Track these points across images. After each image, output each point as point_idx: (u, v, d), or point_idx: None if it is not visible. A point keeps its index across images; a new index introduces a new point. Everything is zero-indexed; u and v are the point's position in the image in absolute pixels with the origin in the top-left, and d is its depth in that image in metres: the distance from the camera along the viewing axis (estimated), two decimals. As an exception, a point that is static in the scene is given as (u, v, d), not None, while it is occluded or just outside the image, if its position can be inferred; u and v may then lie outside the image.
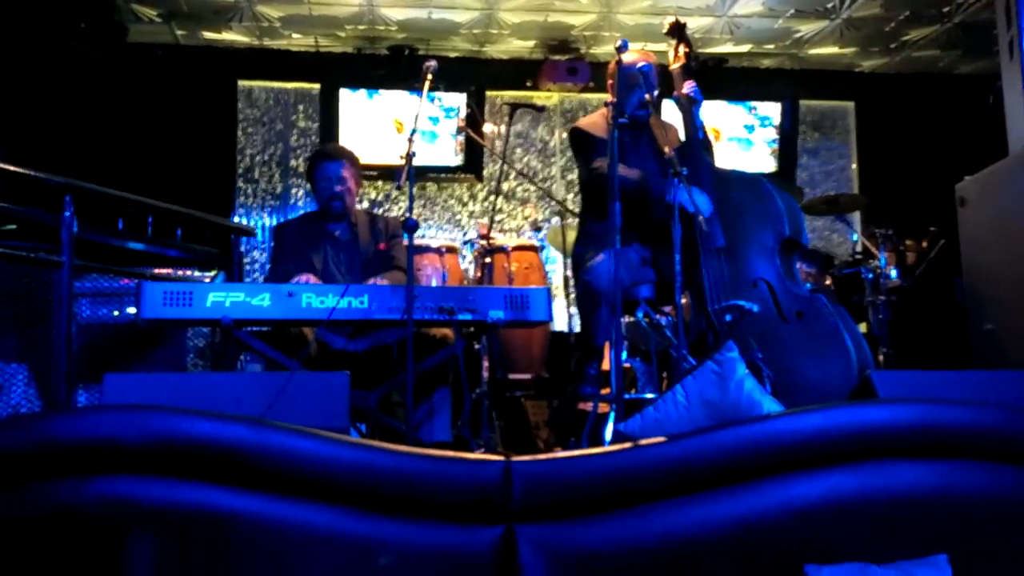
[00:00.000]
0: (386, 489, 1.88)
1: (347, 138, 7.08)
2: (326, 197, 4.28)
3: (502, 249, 5.45)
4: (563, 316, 5.66)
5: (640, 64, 4.13)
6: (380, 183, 7.58)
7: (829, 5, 6.77)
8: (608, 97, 4.15)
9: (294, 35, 7.29)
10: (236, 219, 7.36)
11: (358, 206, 4.56)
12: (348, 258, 4.22)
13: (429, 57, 4.29)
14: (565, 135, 7.80)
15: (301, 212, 7.40)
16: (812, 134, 8.26)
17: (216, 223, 4.93)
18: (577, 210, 5.71)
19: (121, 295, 4.29)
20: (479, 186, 7.72)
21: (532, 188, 7.58)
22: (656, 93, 4.20)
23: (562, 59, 7.51)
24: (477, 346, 4.48)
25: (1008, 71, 5.01)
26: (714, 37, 7.29)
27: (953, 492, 1.96)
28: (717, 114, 7.50)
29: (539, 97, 7.74)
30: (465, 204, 7.77)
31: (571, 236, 4.90)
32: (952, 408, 2.04)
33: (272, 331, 3.89)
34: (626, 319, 4.28)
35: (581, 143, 4.30)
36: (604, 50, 7.41)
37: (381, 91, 7.28)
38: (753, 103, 7.72)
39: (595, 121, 4.35)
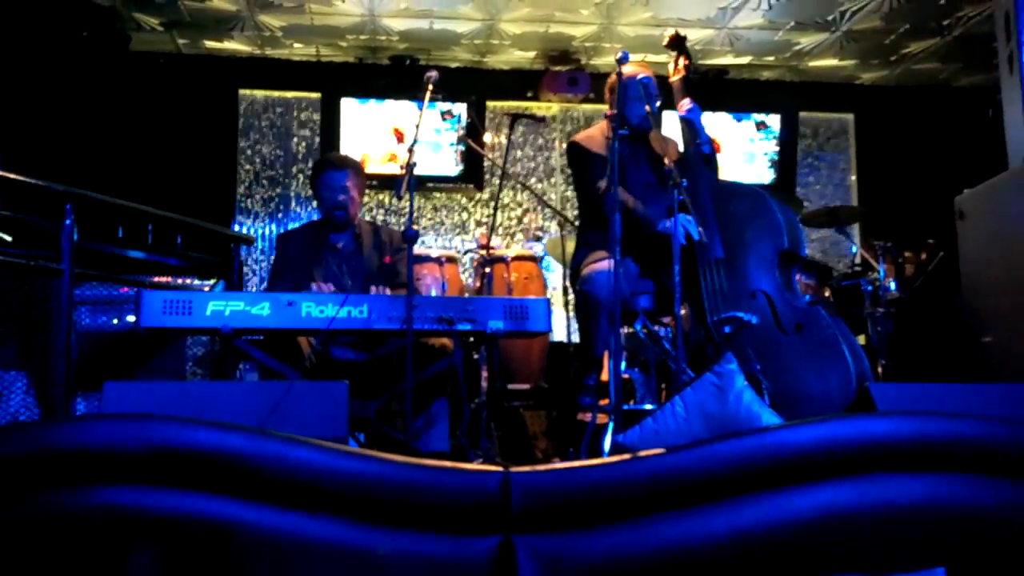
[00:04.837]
0: (384, 499, 1.88)
1: (348, 148, 7.10)
2: (329, 207, 4.25)
3: (502, 259, 5.45)
4: (562, 326, 5.67)
5: (641, 76, 4.15)
6: (378, 193, 7.59)
7: (829, 18, 6.79)
8: (607, 110, 4.17)
9: (295, 45, 7.32)
10: (236, 228, 7.38)
11: (365, 217, 4.55)
12: (351, 269, 4.21)
13: (430, 67, 4.30)
14: (565, 146, 7.83)
15: (301, 221, 7.44)
16: (812, 146, 8.27)
17: (216, 232, 4.95)
18: (576, 220, 5.73)
19: (121, 303, 4.30)
20: (479, 196, 7.73)
21: (532, 198, 7.59)
22: (657, 105, 4.22)
23: (563, 70, 7.53)
24: (476, 356, 4.48)
25: (1008, 84, 5.02)
26: (714, 49, 7.31)
27: (951, 505, 1.96)
28: (720, 127, 7.51)
29: (539, 107, 7.76)
30: (465, 214, 7.78)
31: (571, 246, 4.91)
32: (951, 421, 2.04)
33: (270, 340, 3.89)
34: (625, 330, 4.28)
35: (578, 158, 4.31)
36: (604, 61, 7.43)
37: (384, 100, 7.31)
38: (757, 116, 7.74)
39: (592, 135, 4.35)
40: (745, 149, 7.74)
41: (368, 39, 7.19)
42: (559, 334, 5.82)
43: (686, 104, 4.25)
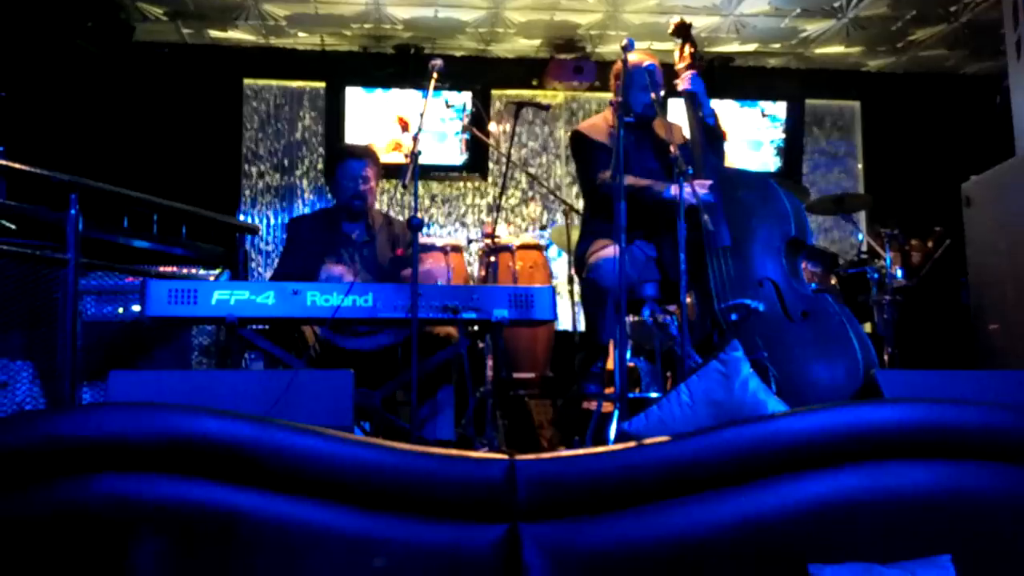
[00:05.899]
0: (390, 488, 1.88)
1: (353, 137, 7.10)
2: (349, 196, 4.22)
3: (507, 248, 5.44)
4: (568, 315, 5.66)
5: (646, 63, 4.14)
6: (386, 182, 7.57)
7: (836, 4, 6.76)
8: (612, 97, 4.16)
9: (300, 34, 7.30)
10: (241, 217, 7.37)
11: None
12: (363, 259, 4.19)
13: (435, 56, 4.28)
14: (569, 136, 7.82)
15: (306, 210, 7.43)
16: (818, 133, 8.24)
17: (221, 221, 4.95)
18: (581, 208, 5.72)
19: (126, 293, 4.31)
20: (484, 185, 7.72)
21: (537, 187, 7.58)
22: (662, 93, 4.20)
23: (568, 58, 7.50)
24: (481, 345, 4.48)
25: (1015, 71, 5.01)
26: (720, 36, 7.28)
27: (958, 492, 1.96)
28: (726, 115, 7.47)
29: (545, 96, 7.73)
30: (470, 203, 7.77)
31: (576, 234, 4.90)
32: (957, 408, 2.04)
33: (276, 329, 3.89)
34: (631, 318, 4.27)
35: (581, 147, 4.29)
36: (610, 49, 7.41)
37: (389, 89, 7.30)
38: (763, 104, 7.71)
39: (596, 124, 4.34)
40: (751, 137, 7.71)
41: (373, 28, 7.17)
42: (564, 323, 5.81)
43: (687, 76, 4.22)
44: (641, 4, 6.75)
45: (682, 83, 4.23)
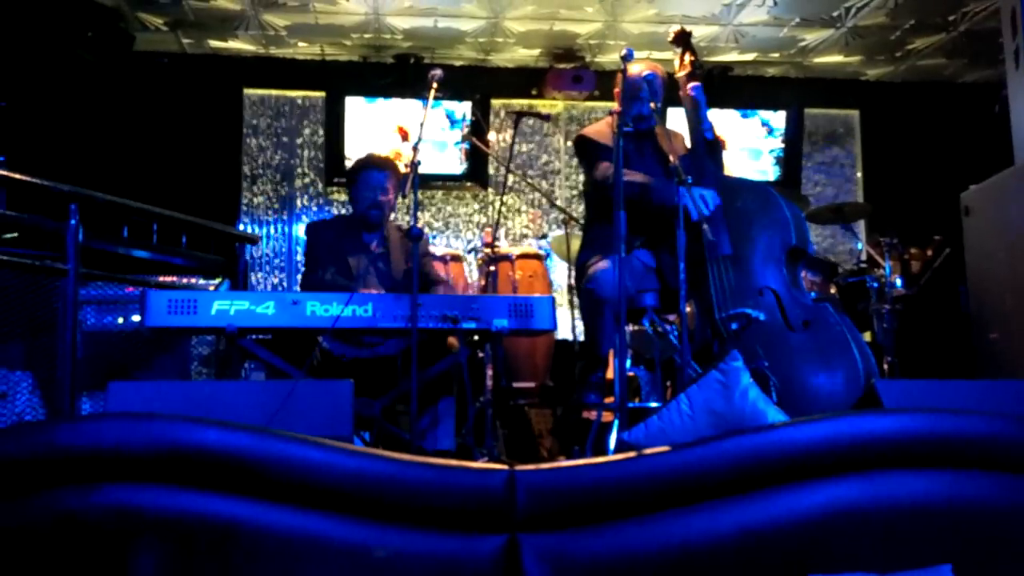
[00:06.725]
0: (390, 498, 1.88)
1: (352, 146, 7.11)
2: (368, 205, 4.24)
3: (506, 257, 5.45)
4: (567, 324, 5.66)
5: (645, 73, 4.14)
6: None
7: (834, 14, 6.77)
8: (615, 106, 4.16)
9: (300, 44, 7.32)
10: (241, 227, 7.38)
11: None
12: (380, 271, 4.20)
13: (434, 66, 4.29)
14: (570, 143, 7.82)
15: (305, 219, 7.43)
16: (817, 143, 8.25)
17: (221, 231, 4.96)
18: (581, 218, 5.72)
19: (126, 303, 4.31)
20: (484, 194, 7.73)
21: (537, 196, 7.59)
22: (660, 102, 4.20)
23: (567, 67, 7.52)
24: (481, 354, 4.48)
25: (1013, 80, 5.02)
26: (719, 46, 7.30)
27: (958, 502, 1.96)
28: (726, 124, 7.49)
29: (544, 105, 7.74)
30: (470, 212, 7.77)
31: (575, 244, 4.90)
32: (957, 418, 2.03)
33: (276, 339, 3.89)
34: (631, 327, 4.27)
35: (587, 150, 4.30)
36: (609, 58, 7.42)
37: (389, 99, 7.31)
38: (762, 113, 7.72)
39: (601, 129, 4.35)
40: (750, 146, 7.72)
41: (372, 38, 7.19)
42: (564, 332, 5.81)
43: (691, 86, 4.22)
44: (640, 14, 6.77)
45: (688, 88, 4.23)
